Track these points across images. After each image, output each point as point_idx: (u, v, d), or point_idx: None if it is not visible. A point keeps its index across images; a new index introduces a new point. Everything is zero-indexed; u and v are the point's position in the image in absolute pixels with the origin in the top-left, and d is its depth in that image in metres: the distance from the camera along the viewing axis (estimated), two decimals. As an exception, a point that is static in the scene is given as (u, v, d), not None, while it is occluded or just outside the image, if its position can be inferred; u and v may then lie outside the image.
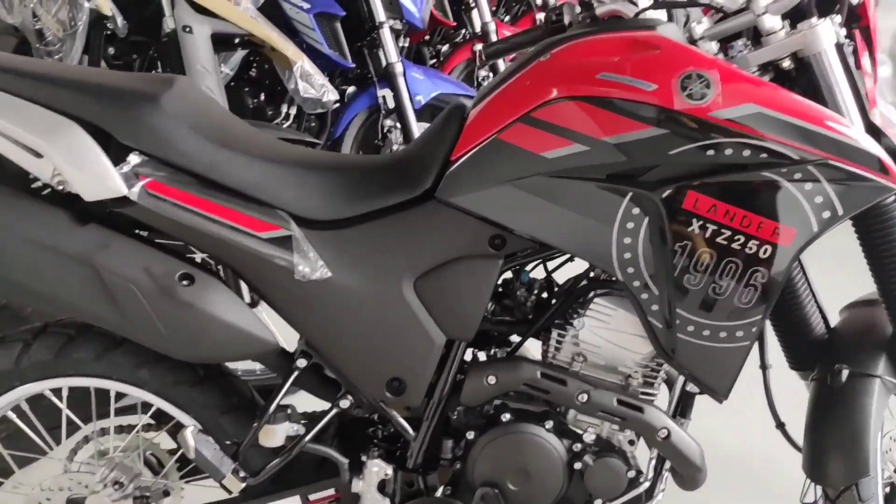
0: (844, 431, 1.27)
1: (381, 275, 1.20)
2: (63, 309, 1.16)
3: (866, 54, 1.26)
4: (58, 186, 1.14)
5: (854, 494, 1.26)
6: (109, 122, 1.13)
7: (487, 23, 3.36)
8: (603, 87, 1.09)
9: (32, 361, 1.29)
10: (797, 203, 1.08)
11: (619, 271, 1.15)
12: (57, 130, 1.10)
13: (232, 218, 1.15)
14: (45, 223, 1.11)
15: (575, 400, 1.22)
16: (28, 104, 1.12)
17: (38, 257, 1.10)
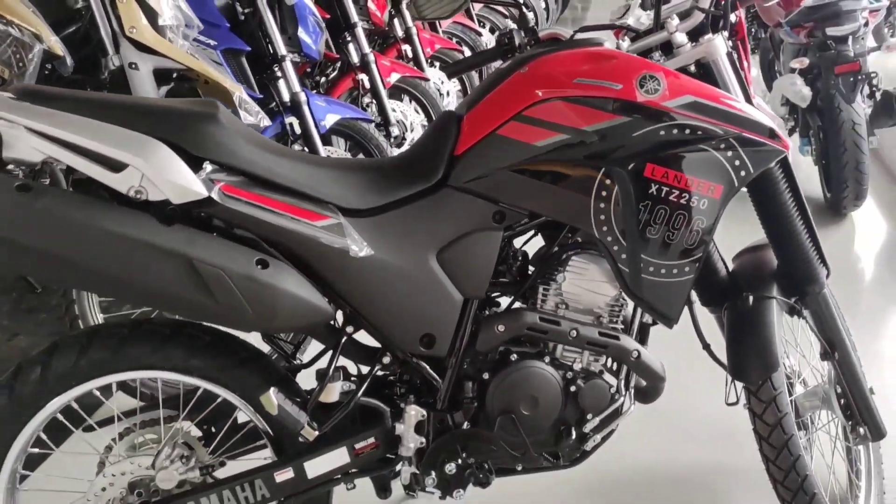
0: (756, 340, 1.69)
1: (411, 250, 1.47)
2: (161, 300, 1.33)
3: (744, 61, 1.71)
4: (136, 196, 1.32)
5: (769, 385, 1.67)
6: (183, 138, 1.33)
7: (367, 54, 3.68)
8: (580, 88, 1.44)
9: (91, 360, 1.44)
10: (723, 166, 1.47)
11: (596, 230, 1.49)
12: (146, 147, 1.29)
13: (293, 212, 1.39)
14: (140, 224, 1.29)
15: (568, 336, 1.54)
16: (113, 126, 1.30)
17: (139, 254, 1.27)
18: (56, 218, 1.25)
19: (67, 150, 1.30)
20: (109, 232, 1.27)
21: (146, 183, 1.30)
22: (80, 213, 1.26)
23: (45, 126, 1.30)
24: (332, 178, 1.47)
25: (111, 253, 1.27)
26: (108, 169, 1.31)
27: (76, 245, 1.26)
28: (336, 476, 1.54)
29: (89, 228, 1.26)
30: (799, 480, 1.67)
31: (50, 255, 1.26)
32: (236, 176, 1.38)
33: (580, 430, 1.60)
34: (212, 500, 1.48)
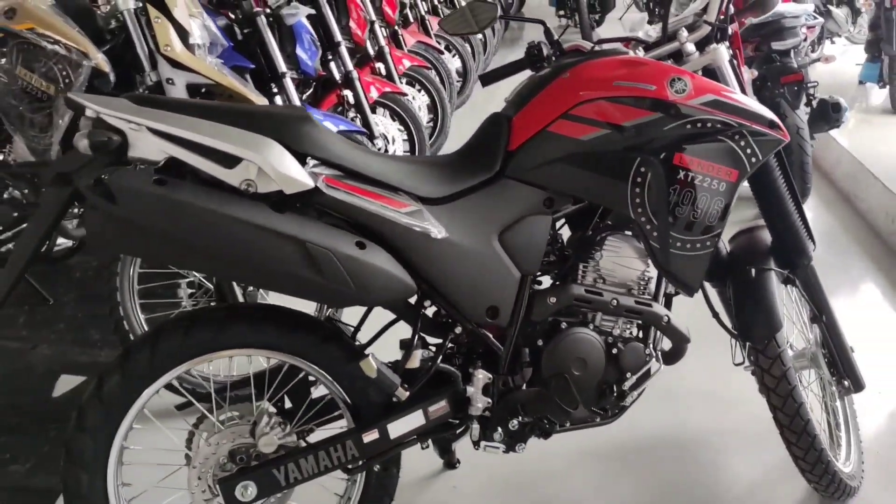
0: (761, 305, 1.96)
1: (477, 232, 1.69)
2: (277, 280, 1.50)
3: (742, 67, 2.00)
4: (246, 188, 1.50)
5: (774, 343, 1.95)
6: (287, 137, 1.52)
7: (350, 71, 3.88)
8: (619, 90, 1.69)
9: (194, 341, 1.61)
10: (737, 154, 1.74)
11: (632, 211, 1.74)
12: (262, 144, 1.48)
13: (383, 200, 1.59)
14: (259, 213, 1.47)
15: (609, 305, 1.78)
16: (227, 126, 1.48)
17: (261, 238, 1.45)
18: (191, 208, 1.42)
19: (186, 148, 1.48)
20: (235, 219, 1.44)
21: (260, 176, 1.48)
22: (210, 203, 1.44)
23: (166, 126, 1.47)
24: (410, 171, 1.67)
25: (237, 238, 1.45)
26: (222, 165, 1.49)
27: (208, 232, 1.43)
28: (412, 437, 1.73)
29: (219, 217, 1.43)
30: (803, 424, 1.95)
31: (185, 242, 1.43)
32: (333, 170, 1.57)
33: (620, 388, 1.84)
34: (308, 460, 1.66)
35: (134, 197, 1.40)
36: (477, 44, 6.69)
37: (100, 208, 1.40)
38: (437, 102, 4.79)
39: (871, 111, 5.58)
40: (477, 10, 2.06)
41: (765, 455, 2.31)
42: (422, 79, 4.74)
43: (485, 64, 7.12)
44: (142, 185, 1.42)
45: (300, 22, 3.29)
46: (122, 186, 1.40)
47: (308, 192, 1.52)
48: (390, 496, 1.81)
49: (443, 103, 4.79)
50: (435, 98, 4.79)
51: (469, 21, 2.08)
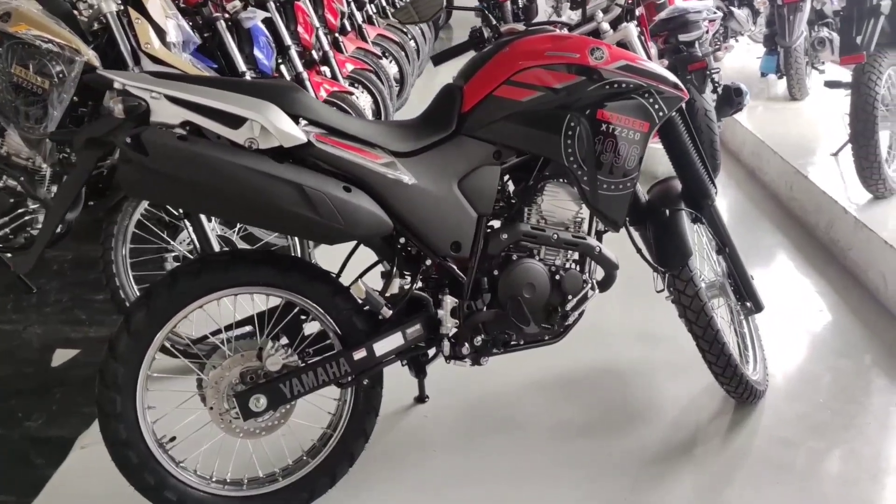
0: (675, 238, 2.35)
1: (440, 180, 2.03)
2: (280, 218, 1.81)
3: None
4: (250, 145, 1.81)
5: (687, 269, 2.34)
6: (281, 102, 1.83)
7: (301, 73, 4.20)
8: (551, 59, 2.06)
9: (206, 280, 1.91)
10: (647, 109, 2.13)
11: (565, 159, 2.11)
12: (263, 107, 1.79)
13: (363, 154, 1.92)
14: (263, 163, 1.78)
15: (552, 239, 2.15)
16: (232, 93, 1.80)
17: (267, 183, 1.76)
18: (209, 158, 1.73)
19: (199, 112, 1.78)
20: (245, 167, 1.76)
21: (262, 135, 1.80)
22: (224, 155, 1.75)
23: (182, 94, 1.77)
24: (383, 131, 2.01)
25: (247, 183, 1.76)
26: (229, 126, 1.80)
27: (224, 178, 1.74)
28: (394, 354, 2.06)
29: (232, 165, 1.74)
30: (713, 333, 2.35)
31: (205, 187, 1.73)
32: (321, 129, 1.90)
33: (564, 309, 2.20)
34: (309, 375, 1.97)
35: (163, 150, 1.71)
36: (411, 50, 7.06)
37: (134, 161, 1.70)
38: (379, 103, 5.12)
39: (773, 99, 6.16)
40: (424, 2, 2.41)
41: (689, 379, 2.71)
42: (364, 80, 5.07)
43: (419, 69, 7.50)
44: (169, 140, 1.72)
45: (257, 25, 3.59)
46: (154, 141, 1.70)
47: (302, 146, 1.84)
48: (376, 411, 2.13)
49: (385, 103, 5.13)
50: (377, 98, 5.13)
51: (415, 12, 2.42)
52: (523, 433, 2.46)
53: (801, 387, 2.70)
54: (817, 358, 2.90)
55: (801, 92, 5.86)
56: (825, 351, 2.95)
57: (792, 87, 5.85)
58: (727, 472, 2.27)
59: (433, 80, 8.62)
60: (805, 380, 2.74)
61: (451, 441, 2.42)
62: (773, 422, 2.49)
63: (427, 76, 8.75)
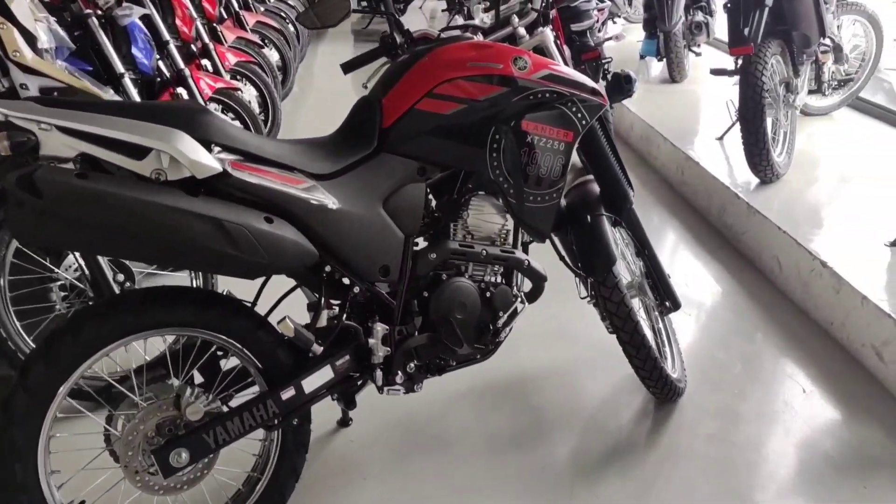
0: (599, 245, 2.33)
1: (364, 202, 1.91)
2: (197, 258, 1.65)
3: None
4: (157, 177, 1.64)
5: (612, 275, 2.33)
6: (192, 127, 1.67)
7: (182, 69, 3.92)
8: (473, 70, 1.97)
9: (117, 324, 1.72)
10: (570, 118, 2.08)
11: (490, 173, 2.03)
12: (171, 135, 1.61)
13: (282, 179, 1.77)
14: (175, 198, 1.61)
15: (480, 256, 2.07)
16: (135, 121, 1.61)
17: (181, 220, 1.59)
18: (113, 197, 1.54)
19: (96, 143, 1.59)
20: (155, 204, 1.58)
21: (171, 165, 1.62)
22: (130, 191, 1.56)
23: (76, 124, 1.57)
24: (301, 152, 1.87)
25: (158, 222, 1.58)
26: (132, 157, 1.62)
27: (131, 218, 1.55)
28: (324, 389, 1.94)
29: (140, 203, 1.56)
30: (639, 338, 2.35)
31: (110, 229, 1.55)
32: (235, 155, 1.74)
33: (495, 326, 2.14)
34: (234, 422, 1.82)
35: (59, 190, 1.50)
36: (291, 35, 6.79)
37: (26, 204, 1.49)
38: (265, 95, 4.89)
39: (652, 81, 6.32)
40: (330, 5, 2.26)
41: (607, 375, 2.72)
42: (248, 73, 4.82)
43: (300, 55, 7.24)
44: (65, 178, 1.52)
45: (134, 22, 3.31)
46: (47, 181, 1.50)
47: (216, 176, 1.67)
48: (306, 447, 2.01)
49: (272, 96, 4.90)
50: (263, 91, 4.89)
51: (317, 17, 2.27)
52: (454, 450, 2.39)
53: (714, 378, 2.76)
54: (723, 346, 2.97)
55: (681, 74, 6.03)
56: (730, 338, 3.03)
57: (672, 70, 6.01)
58: (662, 472, 2.29)
59: (315, 65, 8.38)
60: (717, 370, 2.81)
61: (381, 465, 2.33)
62: (695, 416, 2.53)
63: (308, 60, 8.49)
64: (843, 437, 2.44)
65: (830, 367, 2.82)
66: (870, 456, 2.36)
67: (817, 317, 3.09)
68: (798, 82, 3.90)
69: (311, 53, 8.80)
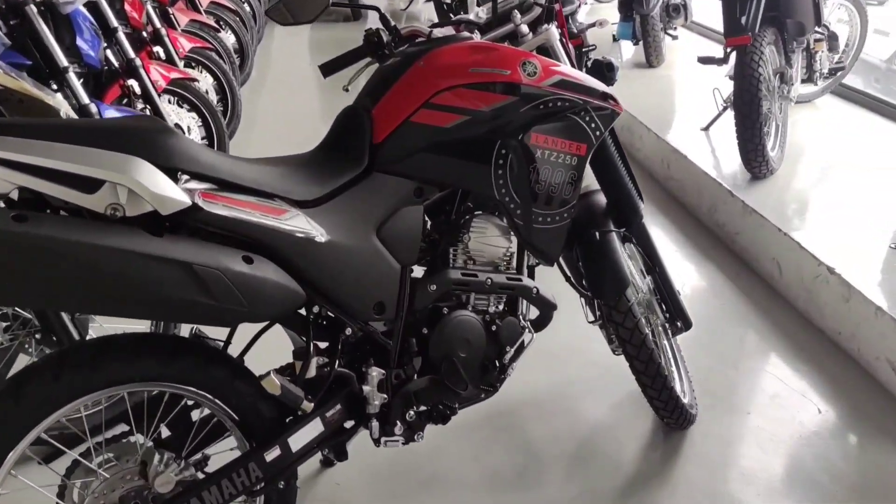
0: (609, 265, 2.11)
1: (356, 230, 1.66)
2: (164, 310, 1.38)
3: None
4: (112, 213, 1.36)
5: (624, 299, 2.11)
6: (153, 153, 1.39)
7: (133, 59, 3.59)
8: (476, 76, 1.72)
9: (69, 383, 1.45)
10: (583, 129, 1.85)
11: (496, 192, 1.80)
12: (128, 164, 1.34)
13: (262, 209, 1.51)
14: (136, 239, 1.34)
15: (485, 285, 1.84)
16: (85, 148, 1.33)
17: (143, 267, 1.32)
18: (60, 244, 1.26)
19: (38, 176, 1.31)
20: (112, 249, 1.30)
21: (131, 198, 1.35)
22: (82, 235, 1.29)
23: (11, 154, 1.29)
24: (281, 175, 1.60)
25: (116, 270, 1.31)
26: (81, 190, 1.34)
27: (83, 267, 1.28)
28: (314, 446, 1.69)
29: (93, 249, 1.29)
30: (655, 367, 2.15)
31: (58, 282, 1.27)
32: (206, 182, 1.47)
33: (501, 362, 1.91)
34: (212, 491, 1.57)
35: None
36: (247, 16, 6.43)
37: (-50, 258, 1.21)
38: (224, 84, 4.56)
39: (627, 66, 6.11)
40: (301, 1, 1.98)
41: (608, 397, 2.52)
42: (204, 60, 4.49)
43: (258, 36, 6.87)
44: (2, 223, 1.24)
45: (78, 10, 2.97)
46: (-24, 230, 1.22)
47: (184, 210, 1.41)
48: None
49: (231, 85, 4.58)
50: (221, 79, 4.56)
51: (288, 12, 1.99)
52: (451, 490, 2.17)
53: (722, 398, 2.58)
54: (727, 360, 2.79)
55: (658, 59, 5.83)
56: (733, 351, 2.86)
57: (649, 55, 5.81)
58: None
59: (273, 47, 8.00)
60: (724, 388, 2.63)
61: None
62: (707, 444, 2.35)
63: (266, 42, 8.11)
64: (864, 461, 2.28)
65: (843, 381, 2.66)
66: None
67: (824, 326, 2.92)
68: (792, 72, 3.72)
69: (268, 34, 8.41)
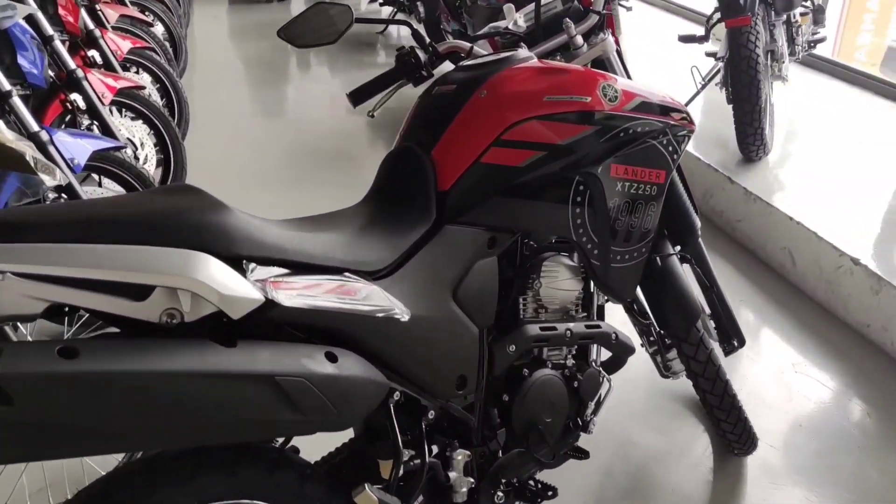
0: (676, 294, 1.92)
1: (432, 297, 1.42)
2: (237, 433, 1.12)
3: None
4: (169, 322, 1.09)
5: (694, 330, 1.93)
6: (212, 238, 1.12)
7: (74, 70, 3.18)
8: (551, 106, 1.49)
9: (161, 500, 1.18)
10: (662, 154, 1.65)
11: (573, 233, 1.58)
12: (191, 262, 1.06)
13: (338, 292, 1.25)
14: (205, 357, 1.07)
15: (565, 337, 1.62)
16: (131, 248, 1.05)
17: (218, 389, 1.06)
18: (120, 379, 0.99)
19: (72, 286, 1.03)
20: (182, 374, 1.03)
21: (193, 302, 1.08)
22: (145, 363, 1.01)
23: (35, 268, 1.00)
24: (346, 242, 1.34)
25: (189, 399, 1.04)
26: (129, 298, 1.06)
27: (151, 403, 1.01)
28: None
29: (161, 379, 1.02)
30: (730, 400, 1.99)
31: (121, 425, 1.00)
32: (272, 267, 1.20)
33: (584, 419, 1.71)
34: None
35: (38, 388, 0.94)
36: (172, 3, 5.94)
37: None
38: (167, 86, 4.16)
39: (580, 39, 5.92)
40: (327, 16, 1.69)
41: (654, 420, 2.36)
42: (145, 62, 4.07)
43: (186, 22, 6.39)
44: (45, 365, 0.95)
45: (18, 24, 2.58)
46: (17, 377, 0.92)
47: (264, 306, 1.14)
48: None
49: (175, 86, 4.17)
50: (164, 80, 4.15)
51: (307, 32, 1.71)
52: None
53: (767, 408, 2.45)
54: (758, 362, 2.67)
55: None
56: (762, 351, 2.73)
57: (606, 28, 5.63)
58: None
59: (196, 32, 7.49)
60: (766, 396, 2.50)
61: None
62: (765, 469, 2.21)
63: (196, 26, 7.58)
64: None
65: (881, 379, 2.57)
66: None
67: (849, 320, 2.83)
68: (781, 49, 3.60)
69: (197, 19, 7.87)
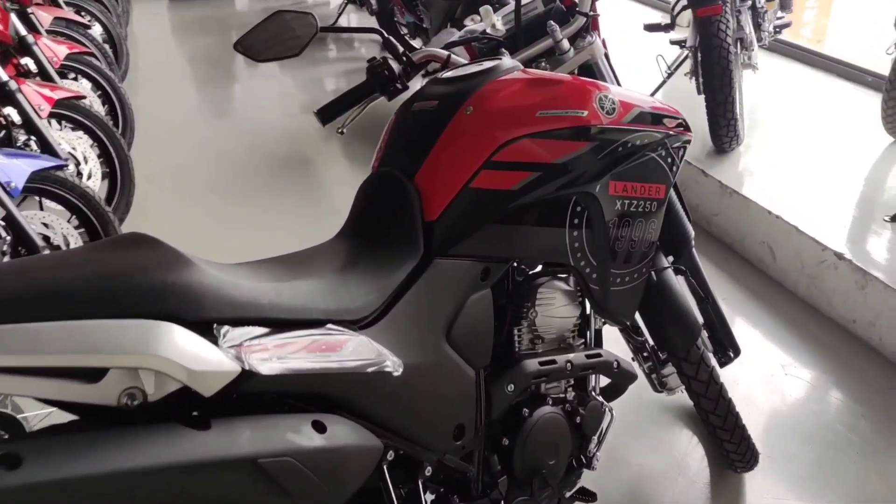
0: (674, 310, 1.80)
1: (424, 342, 1.27)
2: None
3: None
4: (129, 403, 0.93)
5: (695, 348, 1.82)
6: (176, 303, 0.96)
7: (7, 82, 2.95)
8: (545, 122, 1.35)
9: None
10: (661, 167, 1.52)
11: (571, 258, 1.45)
12: (150, 336, 0.90)
13: (321, 348, 1.10)
14: (174, 445, 0.91)
15: (565, 370, 1.49)
16: (82, 323, 0.88)
17: (191, 482, 0.91)
18: (76, 485, 0.83)
19: (14, 374, 0.86)
20: (151, 470, 0.88)
21: (158, 382, 0.92)
22: (106, 462, 0.85)
23: None
24: (326, 288, 1.19)
25: (159, 495, 0.89)
26: (80, 380, 0.90)
27: None
28: None
29: (127, 478, 0.86)
30: (733, 419, 1.88)
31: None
32: (244, 327, 1.04)
33: (587, 455, 1.59)
34: None
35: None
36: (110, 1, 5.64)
37: None
38: (109, 92, 3.91)
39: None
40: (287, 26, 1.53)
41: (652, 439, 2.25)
42: (83, 67, 3.82)
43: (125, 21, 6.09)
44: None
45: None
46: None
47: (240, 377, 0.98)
48: None
49: (117, 92, 3.93)
50: (105, 86, 3.91)
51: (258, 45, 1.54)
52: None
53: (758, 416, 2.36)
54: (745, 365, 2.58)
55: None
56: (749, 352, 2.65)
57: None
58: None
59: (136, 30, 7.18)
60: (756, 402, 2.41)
61: None
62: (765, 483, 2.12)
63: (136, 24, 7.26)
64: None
65: (872, 378, 2.50)
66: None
67: (834, 315, 2.76)
68: (750, 37, 3.51)
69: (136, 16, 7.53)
